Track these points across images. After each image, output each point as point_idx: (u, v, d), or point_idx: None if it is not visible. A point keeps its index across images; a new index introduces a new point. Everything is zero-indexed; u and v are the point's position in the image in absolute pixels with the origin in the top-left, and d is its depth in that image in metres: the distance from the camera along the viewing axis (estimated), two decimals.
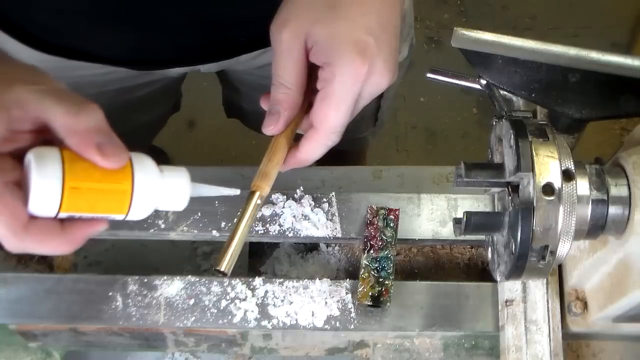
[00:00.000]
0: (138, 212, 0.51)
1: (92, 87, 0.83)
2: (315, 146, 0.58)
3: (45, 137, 0.49)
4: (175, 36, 0.76)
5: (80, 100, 0.48)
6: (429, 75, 0.66)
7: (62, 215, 0.48)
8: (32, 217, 0.47)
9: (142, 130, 1.05)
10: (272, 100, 0.58)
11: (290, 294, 0.70)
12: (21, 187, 0.47)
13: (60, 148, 0.48)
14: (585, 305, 0.66)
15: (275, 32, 0.56)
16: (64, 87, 0.50)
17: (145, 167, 0.51)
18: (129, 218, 0.51)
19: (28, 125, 0.48)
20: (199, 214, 0.74)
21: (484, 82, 0.61)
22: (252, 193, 0.58)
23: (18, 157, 0.48)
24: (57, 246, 0.49)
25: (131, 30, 0.74)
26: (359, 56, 0.54)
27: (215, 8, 0.72)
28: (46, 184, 0.46)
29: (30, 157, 0.47)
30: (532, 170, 0.50)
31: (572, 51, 0.56)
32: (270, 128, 0.59)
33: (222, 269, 0.56)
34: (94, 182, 0.48)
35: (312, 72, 0.58)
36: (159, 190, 0.52)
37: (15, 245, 0.47)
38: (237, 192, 0.58)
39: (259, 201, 0.58)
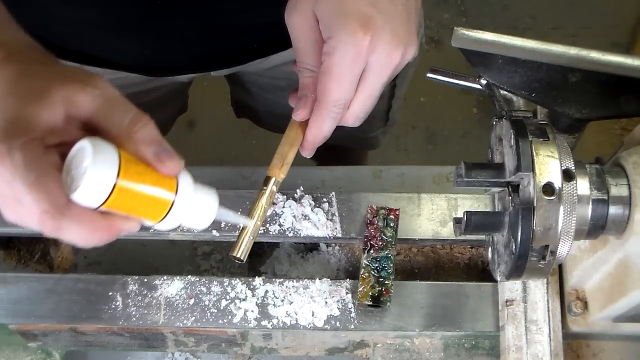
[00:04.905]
0: (168, 223, 0.51)
1: None
2: (320, 120, 0.58)
3: (91, 135, 0.49)
4: (190, 45, 0.77)
5: (135, 110, 0.49)
6: (429, 75, 0.66)
7: (101, 209, 0.47)
8: (70, 203, 0.46)
9: None
10: (300, 86, 0.58)
11: (290, 294, 0.70)
12: (60, 172, 0.47)
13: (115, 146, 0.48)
14: (585, 305, 0.66)
15: (287, 19, 0.56)
16: (117, 93, 0.50)
17: (186, 181, 0.51)
18: (156, 227, 0.51)
19: (77, 122, 0.49)
20: None
21: (484, 82, 0.61)
22: (268, 179, 0.59)
23: (60, 148, 0.48)
24: (94, 231, 0.48)
25: (147, 40, 0.75)
26: (361, 28, 0.53)
27: (230, 16, 0.73)
28: (101, 177, 0.45)
29: (87, 145, 0.46)
30: (533, 170, 0.50)
31: (572, 51, 0.56)
32: (299, 112, 0.58)
33: (238, 255, 0.57)
34: (143, 187, 0.47)
35: None
36: (191, 207, 0.51)
37: (52, 226, 0.46)
38: (251, 222, 0.58)
39: (274, 187, 0.58)
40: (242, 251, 0.57)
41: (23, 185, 0.45)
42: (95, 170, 0.45)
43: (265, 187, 0.59)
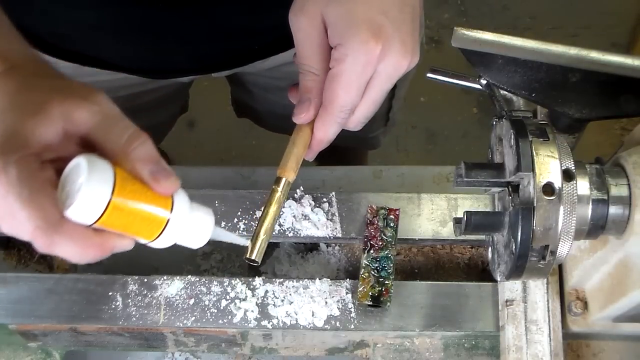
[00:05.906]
0: (162, 242, 0.51)
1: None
2: (327, 125, 0.58)
3: (89, 151, 0.49)
4: (192, 48, 0.77)
5: (133, 128, 0.49)
6: (429, 75, 0.66)
7: (94, 226, 0.47)
8: (63, 219, 0.46)
9: (152, 132, 1.06)
10: (301, 88, 0.58)
11: (290, 294, 0.70)
12: (55, 188, 0.47)
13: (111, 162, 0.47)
14: (585, 305, 0.66)
15: (293, 19, 0.56)
16: (116, 109, 0.50)
17: (182, 200, 0.50)
18: (151, 245, 0.51)
19: (75, 138, 0.48)
20: None
21: (484, 82, 0.61)
22: (279, 179, 0.59)
23: (56, 164, 0.48)
24: (87, 248, 0.48)
25: (148, 42, 0.75)
26: (372, 37, 0.53)
27: (231, 18, 0.73)
28: (95, 194, 0.45)
29: (83, 162, 0.46)
30: (533, 170, 0.50)
31: (572, 51, 0.56)
32: (302, 116, 0.59)
33: (253, 257, 0.57)
34: (138, 205, 0.47)
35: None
36: (186, 226, 0.51)
37: (45, 243, 0.46)
38: (248, 242, 0.58)
39: (285, 187, 0.59)
40: (257, 253, 0.58)
41: (16, 201, 0.45)
42: (89, 187, 0.45)
43: (277, 187, 0.59)
